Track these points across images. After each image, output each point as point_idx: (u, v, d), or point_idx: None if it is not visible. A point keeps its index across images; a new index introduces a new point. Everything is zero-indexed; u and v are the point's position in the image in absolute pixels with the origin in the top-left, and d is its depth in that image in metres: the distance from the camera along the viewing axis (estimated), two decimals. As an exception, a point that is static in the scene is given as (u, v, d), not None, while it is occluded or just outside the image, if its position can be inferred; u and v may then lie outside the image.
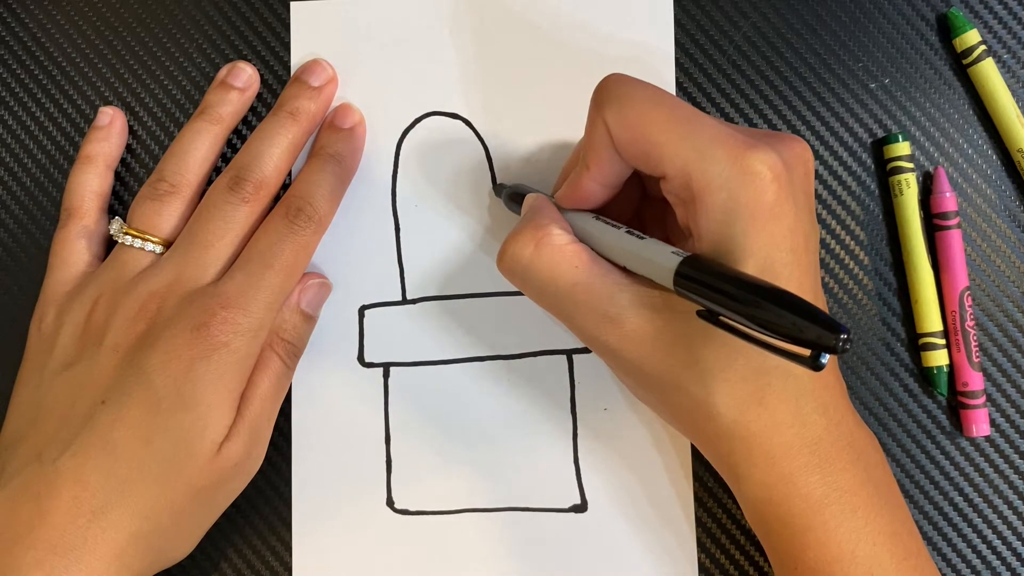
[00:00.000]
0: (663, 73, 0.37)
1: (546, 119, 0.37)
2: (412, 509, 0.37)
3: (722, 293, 0.25)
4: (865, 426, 0.31)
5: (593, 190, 0.32)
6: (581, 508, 0.36)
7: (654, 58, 0.37)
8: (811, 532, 0.29)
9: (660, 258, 0.28)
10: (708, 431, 0.30)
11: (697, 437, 0.31)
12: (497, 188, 0.37)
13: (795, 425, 0.29)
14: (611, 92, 0.30)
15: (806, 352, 0.24)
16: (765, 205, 0.27)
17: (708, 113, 0.37)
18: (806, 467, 0.29)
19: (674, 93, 0.37)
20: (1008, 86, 0.36)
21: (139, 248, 0.35)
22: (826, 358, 0.24)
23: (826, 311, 0.26)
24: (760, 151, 0.27)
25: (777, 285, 0.25)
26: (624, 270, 0.31)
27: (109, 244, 0.38)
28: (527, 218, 0.32)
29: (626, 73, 0.31)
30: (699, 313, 0.27)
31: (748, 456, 0.29)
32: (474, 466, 0.37)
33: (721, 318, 0.26)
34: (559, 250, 0.31)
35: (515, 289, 0.37)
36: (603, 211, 0.33)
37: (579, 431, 0.37)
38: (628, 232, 0.30)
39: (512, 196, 0.35)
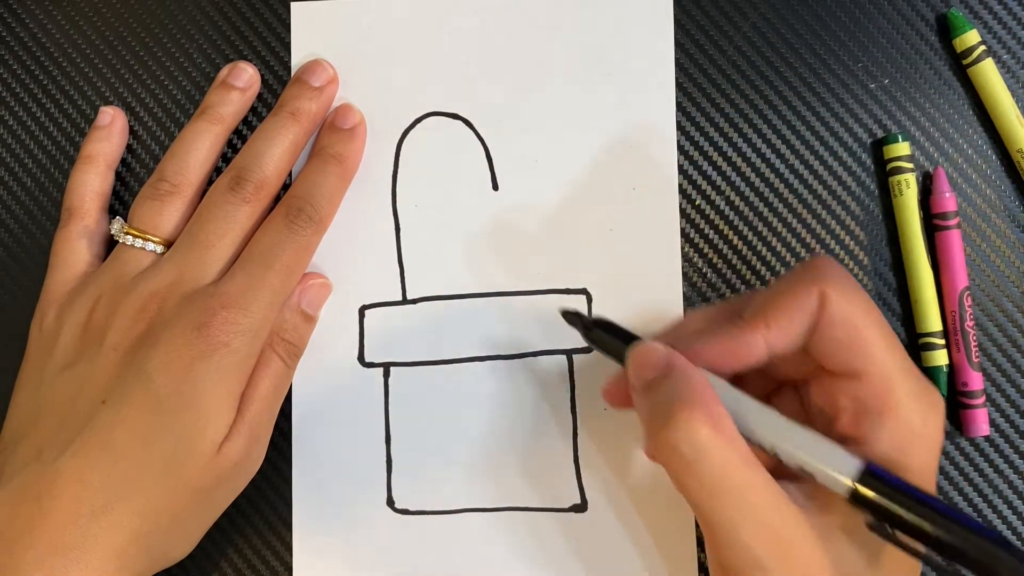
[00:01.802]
0: (663, 73, 0.37)
1: (546, 119, 0.37)
2: (412, 509, 0.37)
3: (914, 512, 0.27)
4: None
5: (753, 354, 0.29)
6: (581, 508, 0.36)
7: (654, 58, 0.37)
8: None
9: (838, 460, 0.27)
10: None
11: None
12: (570, 316, 0.33)
13: None
14: (836, 270, 0.29)
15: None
16: (937, 440, 0.29)
17: (708, 113, 0.37)
18: None
19: (674, 93, 0.37)
20: (1008, 86, 0.36)
21: (140, 248, 0.35)
22: None
23: None
24: (935, 388, 0.29)
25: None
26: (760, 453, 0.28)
27: (110, 244, 0.38)
28: (684, 387, 0.28)
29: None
30: (871, 525, 0.27)
31: None
32: (474, 466, 0.37)
33: (898, 534, 0.27)
34: (736, 440, 0.27)
35: (515, 289, 0.37)
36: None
37: (579, 431, 0.37)
38: (791, 419, 0.28)
39: (605, 333, 0.31)
